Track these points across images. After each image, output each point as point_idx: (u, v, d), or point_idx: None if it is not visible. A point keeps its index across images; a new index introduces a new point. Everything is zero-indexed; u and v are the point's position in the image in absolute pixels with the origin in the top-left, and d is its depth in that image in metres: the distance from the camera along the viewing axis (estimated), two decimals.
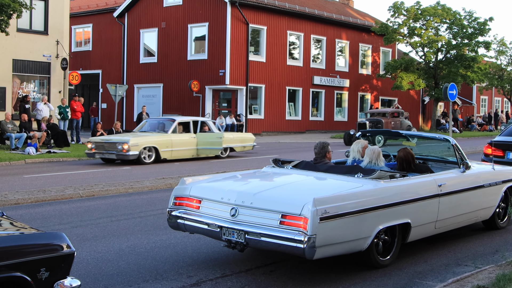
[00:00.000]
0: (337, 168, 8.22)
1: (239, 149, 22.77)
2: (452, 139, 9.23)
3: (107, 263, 7.71)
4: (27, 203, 12.31)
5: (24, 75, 28.46)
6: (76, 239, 8.96)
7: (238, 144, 22.59)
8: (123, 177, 16.30)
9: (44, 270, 4.89)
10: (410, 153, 8.93)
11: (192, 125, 21.46)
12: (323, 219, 6.42)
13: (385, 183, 7.54)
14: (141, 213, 11.39)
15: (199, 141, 21.25)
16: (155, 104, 39.41)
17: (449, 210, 8.45)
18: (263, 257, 7.95)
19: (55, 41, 29.03)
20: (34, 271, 4.82)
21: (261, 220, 6.75)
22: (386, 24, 43.94)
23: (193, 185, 7.72)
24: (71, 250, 5.12)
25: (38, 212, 11.38)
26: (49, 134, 24.03)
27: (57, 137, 24.30)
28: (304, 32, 40.88)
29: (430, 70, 44.38)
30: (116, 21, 41.47)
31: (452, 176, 8.78)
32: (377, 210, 7.12)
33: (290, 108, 40.52)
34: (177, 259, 7.93)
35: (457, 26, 43.76)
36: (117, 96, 28.16)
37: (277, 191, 7.33)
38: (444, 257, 8.21)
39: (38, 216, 11.02)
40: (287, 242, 6.46)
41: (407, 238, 7.75)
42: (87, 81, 42.50)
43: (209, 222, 7.17)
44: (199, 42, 38.30)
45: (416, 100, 51.20)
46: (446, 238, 9.20)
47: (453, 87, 23.52)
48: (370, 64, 46.68)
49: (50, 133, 24.11)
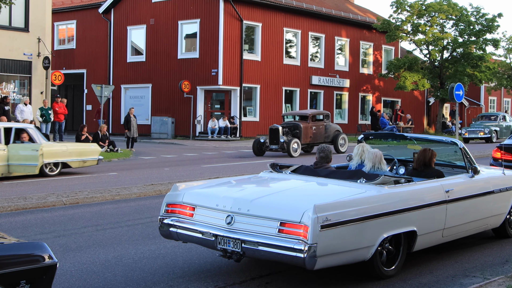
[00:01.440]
0: (339, 173, 8.22)
1: (76, 165, 18.73)
2: (460, 142, 9.23)
3: (92, 275, 7.66)
4: (7, 211, 12.25)
5: (3, 75, 28.37)
6: (59, 249, 8.91)
7: (74, 158, 18.56)
8: (110, 183, 16.26)
9: (24, 282, 4.85)
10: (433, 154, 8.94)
11: (3, 133, 17.32)
12: (324, 227, 6.41)
13: (390, 189, 7.53)
14: (129, 221, 11.36)
15: (11, 155, 17.15)
16: (144, 106, 39.41)
17: (457, 217, 8.45)
18: (258, 268, 7.92)
19: (37, 38, 28.95)
20: (13, 284, 4.78)
21: (258, 228, 6.73)
22: (388, 20, 44.07)
23: (186, 191, 7.69)
24: (53, 261, 5.08)
25: (18, 221, 11.31)
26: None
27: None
28: (302, 29, 40.94)
29: (435, 69, 44.50)
30: (101, 18, 41.46)
31: (460, 181, 8.79)
32: (381, 217, 7.11)
33: (287, 109, 40.53)
34: (167, 270, 7.89)
35: (464, 23, 43.90)
36: (103, 98, 28.13)
37: (276, 197, 7.32)
38: (451, 267, 8.19)
39: (18, 225, 10.96)
40: (286, 251, 6.45)
41: (413, 247, 7.74)
42: (71, 81, 42.48)
43: (204, 231, 7.15)
44: (190, 39, 38.31)
45: (421, 101, 51.32)
46: (453, 247, 9.18)
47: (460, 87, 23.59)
48: (371, 63, 46.77)
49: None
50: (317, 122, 27.42)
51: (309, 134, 26.47)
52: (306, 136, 26.24)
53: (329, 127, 27.53)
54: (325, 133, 27.20)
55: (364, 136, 10.35)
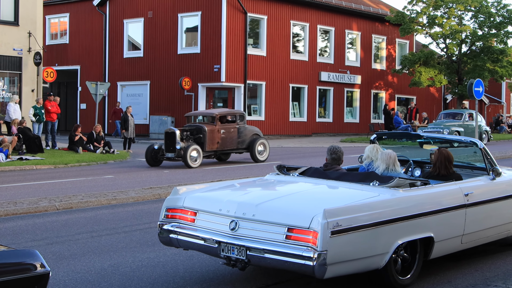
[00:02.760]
0: (350, 176, 8.20)
1: None
2: (480, 142, 9.21)
3: (87, 285, 7.67)
4: None
5: None
6: (52, 257, 8.92)
7: None
8: (105, 187, 16.28)
9: None
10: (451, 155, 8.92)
11: None
12: (335, 233, 6.40)
13: (405, 192, 7.53)
14: (126, 227, 11.37)
15: None
16: (142, 104, 39.44)
17: (477, 222, 8.44)
18: (264, 277, 7.92)
19: (27, 32, 29.01)
20: None
21: (264, 234, 6.74)
22: (402, 12, 44.00)
23: (187, 195, 7.70)
24: (46, 270, 5.09)
25: (8, 227, 11.32)
26: (21, 139, 23.99)
27: (29, 142, 24.25)
28: (310, 22, 40.93)
29: (453, 64, 44.43)
30: (96, 10, 41.53)
31: (480, 184, 8.78)
32: (395, 222, 7.10)
33: (294, 108, 40.55)
34: (167, 279, 7.89)
35: (484, 14, 43.80)
36: (98, 95, 28.14)
37: (283, 201, 7.32)
38: (471, 276, 8.17)
39: (8, 231, 10.97)
40: (294, 259, 6.45)
41: (429, 254, 7.73)
42: (64, 79, 42.51)
43: (206, 237, 7.16)
44: (190, 33, 38.34)
45: (437, 99, 51.27)
46: (472, 255, 9.17)
47: (479, 83, 23.58)
48: (384, 58, 46.74)
49: (21, 138, 24.06)
50: (228, 124, 23.42)
51: (216, 139, 22.62)
52: (212, 142, 22.47)
53: (243, 130, 23.77)
54: (238, 138, 23.44)
55: (377, 136, 10.37)
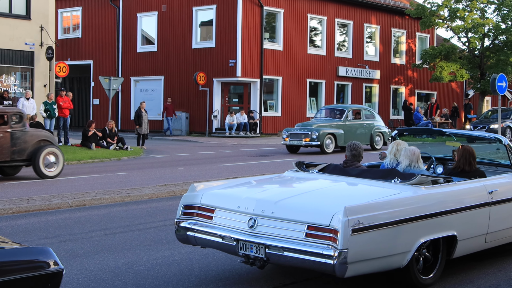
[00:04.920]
0: (371, 173, 8.20)
1: None
2: (505, 139, 9.18)
3: (100, 283, 7.69)
4: (8, 214, 12.31)
5: (3, 67, 28.57)
6: (65, 255, 8.95)
7: None
8: (119, 184, 16.32)
9: None
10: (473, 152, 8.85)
11: None
12: (356, 231, 6.39)
13: (427, 190, 7.51)
14: (140, 225, 11.38)
15: None
16: (156, 100, 39.53)
17: (501, 221, 8.40)
18: (281, 276, 7.90)
19: (39, 27, 29.12)
20: None
21: (283, 232, 6.73)
22: (423, 5, 43.79)
23: (204, 192, 7.71)
24: (59, 268, 5.09)
25: (21, 224, 11.38)
26: None
27: None
28: (328, 15, 40.84)
29: (475, 58, 44.18)
30: (109, 4, 41.65)
31: (504, 181, 8.75)
32: (418, 220, 7.08)
33: (312, 103, 40.50)
34: (182, 278, 7.89)
35: (507, 7, 43.48)
36: (111, 91, 28.22)
37: (302, 198, 7.31)
38: (493, 276, 8.13)
39: (21, 228, 11.02)
40: (314, 257, 6.44)
41: (452, 253, 7.70)
42: (76, 73, 42.68)
43: (224, 235, 7.17)
44: (205, 27, 38.35)
45: (459, 94, 51.00)
46: (495, 254, 9.11)
47: (502, 78, 23.40)
48: (404, 52, 46.57)
49: None
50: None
51: None
52: None
53: (22, 136, 17.18)
54: (12, 146, 16.94)
55: (398, 132, 10.35)
